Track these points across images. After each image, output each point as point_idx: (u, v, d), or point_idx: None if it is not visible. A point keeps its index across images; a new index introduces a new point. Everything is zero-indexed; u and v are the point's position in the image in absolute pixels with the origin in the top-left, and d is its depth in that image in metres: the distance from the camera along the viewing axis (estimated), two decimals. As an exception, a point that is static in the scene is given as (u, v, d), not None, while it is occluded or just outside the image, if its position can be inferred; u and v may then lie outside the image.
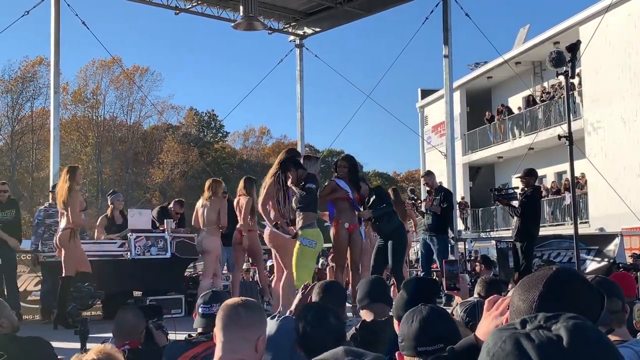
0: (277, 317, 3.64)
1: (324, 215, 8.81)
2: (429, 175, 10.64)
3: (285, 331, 3.36)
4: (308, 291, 3.90)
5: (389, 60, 59.73)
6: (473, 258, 17.64)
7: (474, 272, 13.83)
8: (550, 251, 12.53)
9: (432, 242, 10.13)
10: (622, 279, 4.57)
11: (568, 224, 20.47)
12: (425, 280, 4.37)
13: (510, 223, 19.56)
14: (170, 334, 4.46)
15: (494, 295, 1.83)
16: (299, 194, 7.38)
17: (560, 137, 7.34)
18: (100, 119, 46.52)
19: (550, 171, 25.07)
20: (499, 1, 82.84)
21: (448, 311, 3.03)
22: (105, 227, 10.41)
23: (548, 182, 24.89)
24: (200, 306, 3.69)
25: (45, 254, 9.36)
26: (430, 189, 10.42)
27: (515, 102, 28.13)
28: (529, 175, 9.99)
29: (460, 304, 3.47)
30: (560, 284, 1.45)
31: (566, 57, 6.71)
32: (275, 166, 7.89)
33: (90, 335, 4.42)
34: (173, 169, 45.52)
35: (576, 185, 15.71)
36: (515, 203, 10.07)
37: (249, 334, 2.53)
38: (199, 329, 3.68)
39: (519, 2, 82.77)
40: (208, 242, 9.20)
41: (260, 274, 10.93)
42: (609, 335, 2.61)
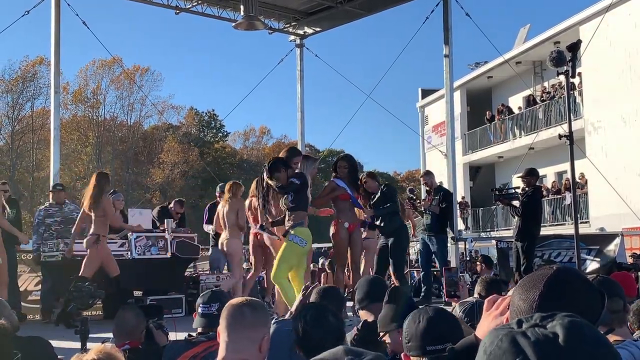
0: (274, 320, 3.64)
1: (322, 212, 8.79)
2: (428, 175, 10.63)
3: (281, 333, 3.35)
4: (308, 292, 3.89)
5: (389, 60, 59.84)
6: (473, 258, 17.61)
7: (473, 272, 13.80)
8: (550, 251, 12.52)
9: (431, 242, 10.13)
10: (623, 279, 4.57)
11: (568, 223, 20.46)
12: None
13: (511, 223, 19.56)
14: (171, 333, 4.46)
15: (493, 295, 1.82)
16: (286, 193, 7.31)
17: (560, 137, 7.32)
18: (101, 118, 46.50)
19: (550, 171, 25.05)
20: (499, 1, 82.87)
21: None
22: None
23: (548, 182, 24.89)
24: (200, 306, 3.69)
25: (45, 253, 9.34)
26: (430, 189, 10.42)
27: (516, 102, 28.12)
28: (530, 175, 9.98)
29: (459, 304, 3.48)
30: (561, 283, 1.45)
31: (567, 57, 6.69)
32: None
33: (90, 335, 4.41)
34: (173, 169, 45.50)
35: (577, 185, 15.69)
36: (516, 203, 10.07)
37: (253, 333, 2.52)
38: (199, 328, 3.68)
39: (519, 2, 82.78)
40: (229, 244, 9.34)
41: (268, 275, 10.93)
42: (609, 334, 2.61)
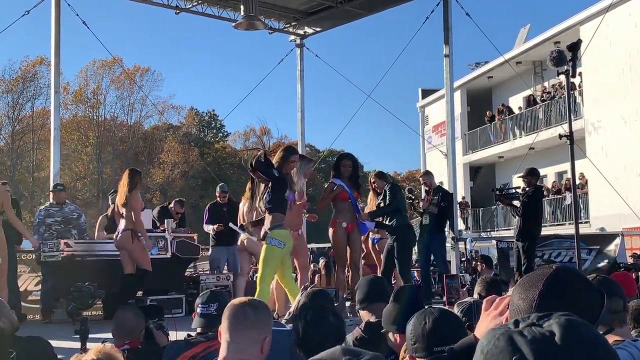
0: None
1: (309, 218, 8.79)
2: (427, 175, 10.61)
3: (277, 333, 3.35)
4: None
5: (390, 60, 59.74)
6: (473, 258, 17.61)
7: (473, 272, 13.80)
8: (551, 251, 12.54)
9: (430, 243, 10.13)
10: (623, 279, 4.57)
11: (568, 223, 20.46)
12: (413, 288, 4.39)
13: (511, 223, 19.56)
14: (171, 333, 4.46)
15: (492, 295, 1.82)
16: (267, 194, 7.21)
17: (561, 137, 7.31)
18: (101, 119, 46.48)
19: (550, 171, 25.05)
20: (499, 1, 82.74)
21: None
22: (105, 227, 10.41)
23: (549, 182, 24.89)
24: (199, 306, 3.68)
25: (45, 253, 9.33)
26: (429, 189, 10.41)
27: (516, 102, 28.12)
28: (531, 175, 9.97)
29: (457, 305, 3.49)
30: (561, 283, 1.44)
31: (567, 57, 6.68)
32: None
33: (90, 335, 4.41)
34: (173, 169, 45.50)
35: (577, 185, 15.70)
36: (516, 203, 10.06)
37: (255, 334, 2.51)
38: (198, 329, 3.68)
39: (519, 2, 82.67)
40: (250, 243, 9.28)
41: None
42: (609, 334, 2.60)
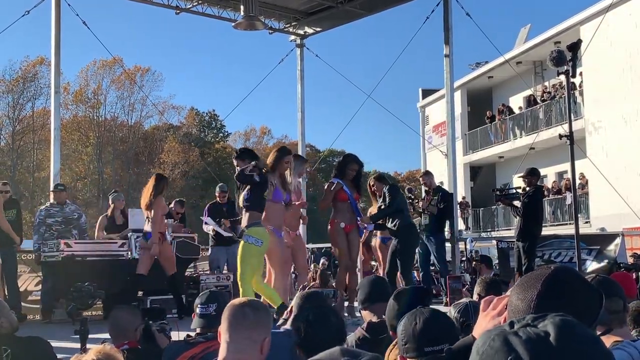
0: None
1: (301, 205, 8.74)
2: (427, 176, 10.62)
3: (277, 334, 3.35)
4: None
5: (390, 60, 59.79)
6: (473, 258, 17.60)
7: (473, 272, 13.79)
8: (551, 251, 12.53)
9: (430, 242, 10.14)
10: (623, 279, 4.57)
11: (569, 223, 20.45)
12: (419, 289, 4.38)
13: (512, 223, 19.55)
14: (173, 333, 4.45)
15: (490, 295, 1.82)
16: (242, 182, 7.14)
17: (561, 137, 7.30)
18: (101, 119, 46.50)
19: (551, 171, 25.05)
20: (499, 1, 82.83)
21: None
22: (105, 227, 10.41)
23: (549, 182, 24.88)
24: (198, 306, 3.68)
25: (45, 253, 9.33)
26: (429, 189, 10.40)
27: (516, 102, 28.12)
28: (531, 175, 9.96)
29: (453, 305, 3.47)
30: (559, 283, 1.44)
31: (567, 57, 6.67)
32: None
33: (90, 336, 4.41)
34: (174, 169, 45.49)
35: (577, 185, 15.68)
36: (517, 203, 10.06)
37: (255, 334, 2.50)
38: (197, 329, 3.67)
39: (520, 2, 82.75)
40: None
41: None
42: (608, 334, 2.60)
